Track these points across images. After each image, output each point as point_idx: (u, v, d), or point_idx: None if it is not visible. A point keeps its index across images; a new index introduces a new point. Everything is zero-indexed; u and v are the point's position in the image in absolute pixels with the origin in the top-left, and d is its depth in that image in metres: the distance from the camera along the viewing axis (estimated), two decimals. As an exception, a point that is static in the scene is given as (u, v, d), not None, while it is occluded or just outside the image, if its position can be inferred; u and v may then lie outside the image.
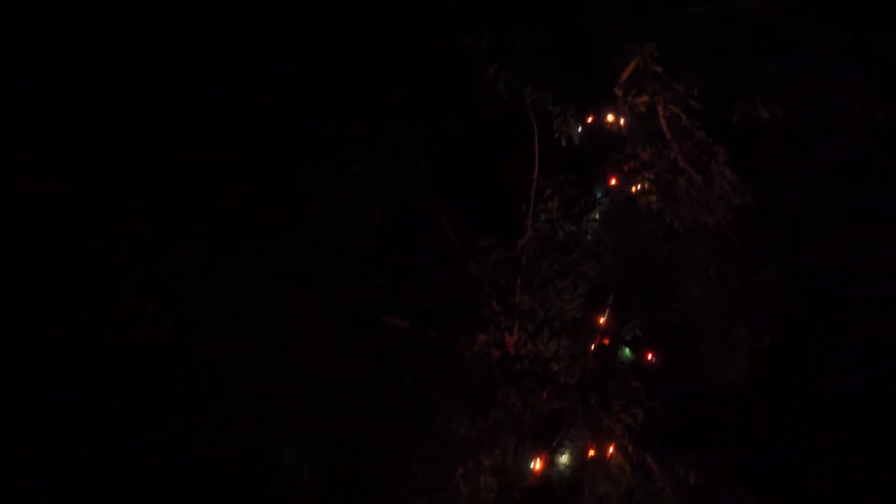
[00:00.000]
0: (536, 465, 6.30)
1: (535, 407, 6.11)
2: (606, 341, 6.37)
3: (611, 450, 6.33)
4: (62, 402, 6.88)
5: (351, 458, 6.20)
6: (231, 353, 6.11)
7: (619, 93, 6.44)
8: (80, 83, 6.63)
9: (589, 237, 6.55)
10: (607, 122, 6.68)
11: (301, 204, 6.01)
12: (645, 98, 6.36)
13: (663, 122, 6.47)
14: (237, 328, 6.00)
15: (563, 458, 6.31)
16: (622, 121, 6.64)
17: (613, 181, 6.66)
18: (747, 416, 7.28)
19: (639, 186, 6.50)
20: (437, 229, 6.44)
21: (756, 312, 6.91)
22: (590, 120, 6.72)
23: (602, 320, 6.32)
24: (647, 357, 6.56)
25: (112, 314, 6.42)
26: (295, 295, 5.91)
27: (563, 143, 6.53)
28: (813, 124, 6.91)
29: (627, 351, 6.43)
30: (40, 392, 6.86)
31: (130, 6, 6.48)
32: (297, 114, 6.32)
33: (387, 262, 6.36)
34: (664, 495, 6.14)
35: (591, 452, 6.27)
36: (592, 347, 6.37)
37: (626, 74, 6.38)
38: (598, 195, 6.69)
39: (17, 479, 6.80)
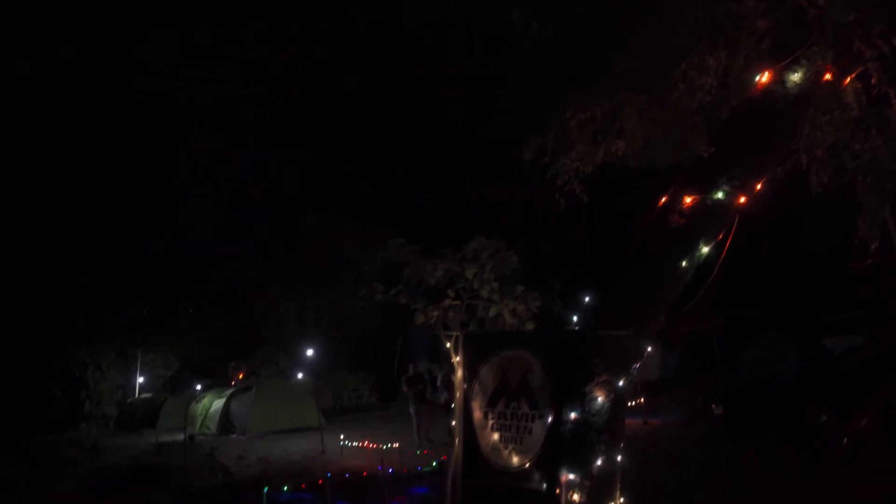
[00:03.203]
0: (763, 77, 6.03)
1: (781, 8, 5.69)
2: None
3: (850, 77, 5.90)
4: None
5: (575, 30, 6.31)
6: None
7: None
8: None
9: None
10: None
11: None
12: None
13: None
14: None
15: (795, 76, 5.95)
16: None
17: None
18: None
19: None
20: None
21: None
22: None
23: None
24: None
25: None
26: None
27: None
28: None
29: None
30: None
31: None
32: None
33: None
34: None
35: (828, 76, 5.86)
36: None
37: None
38: None
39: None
